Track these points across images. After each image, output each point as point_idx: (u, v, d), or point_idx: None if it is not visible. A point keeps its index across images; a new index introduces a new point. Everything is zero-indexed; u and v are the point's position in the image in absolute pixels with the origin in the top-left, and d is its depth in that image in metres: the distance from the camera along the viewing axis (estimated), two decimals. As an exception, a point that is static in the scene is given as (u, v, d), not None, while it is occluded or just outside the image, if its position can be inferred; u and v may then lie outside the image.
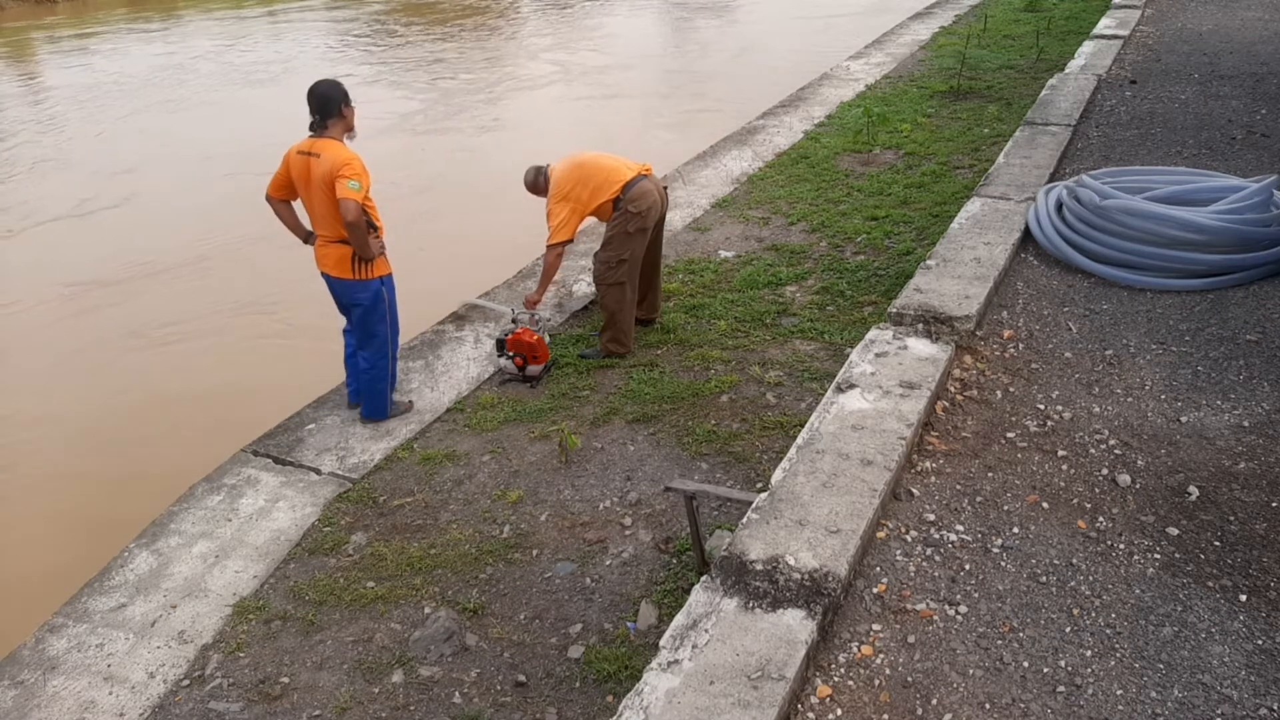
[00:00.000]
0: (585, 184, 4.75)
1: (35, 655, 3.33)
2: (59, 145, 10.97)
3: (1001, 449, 3.51)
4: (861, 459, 3.27)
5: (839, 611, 2.77)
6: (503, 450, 4.30)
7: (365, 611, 3.42)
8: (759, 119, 9.06)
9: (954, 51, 10.55)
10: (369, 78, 13.20)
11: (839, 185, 7.12)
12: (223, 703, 3.09)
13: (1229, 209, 4.74)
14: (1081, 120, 7.19)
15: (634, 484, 3.97)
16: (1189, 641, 2.62)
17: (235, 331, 6.42)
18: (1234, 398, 3.74)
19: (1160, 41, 9.75)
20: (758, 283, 5.62)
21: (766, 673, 2.45)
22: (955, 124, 8.27)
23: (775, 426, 4.22)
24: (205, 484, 4.20)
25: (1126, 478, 3.30)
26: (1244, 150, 6.34)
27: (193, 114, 12.01)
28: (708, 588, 2.77)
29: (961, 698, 2.49)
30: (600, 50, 14.82)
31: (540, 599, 3.42)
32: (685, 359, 4.89)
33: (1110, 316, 4.44)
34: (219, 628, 3.41)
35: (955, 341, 4.10)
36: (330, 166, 3.96)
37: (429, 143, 10.42)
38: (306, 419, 4.64)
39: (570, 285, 5.86)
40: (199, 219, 8.30)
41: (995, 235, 5.11)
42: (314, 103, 4.06)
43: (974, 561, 2.96)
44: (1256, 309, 4.40)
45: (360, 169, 3.99)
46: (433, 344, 5.26)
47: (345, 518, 3.95)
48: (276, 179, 4.23)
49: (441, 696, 3.05)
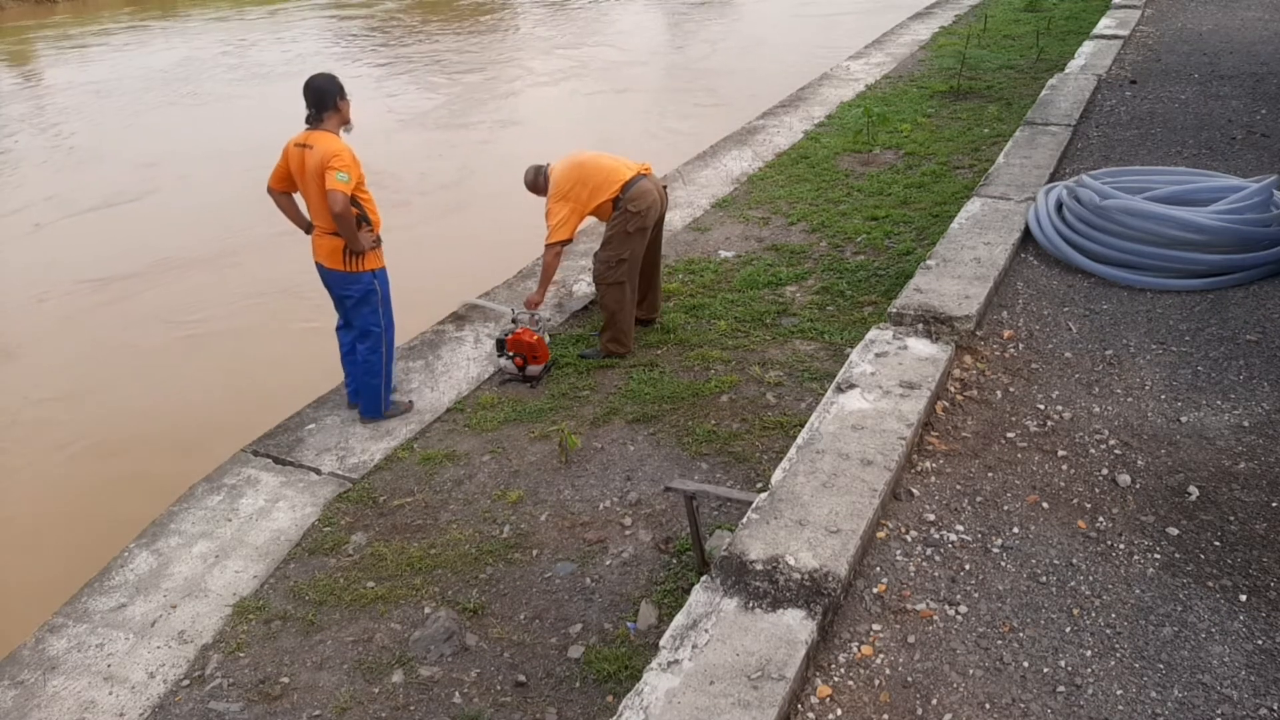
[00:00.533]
0: (585, 183, 4.75)
1: (35, 655, 3.33)
2: (87, 138, 11.04)
3: (1001, 449, 3.51)
4: (861, 459, 3.27)
5: (839, 611, 2.77)
6: (503, 450, 4.30)
7: (365, 611, 3.42)
8: (759, 119, 9.06)
9: (954, 51, 10.55)
10: (380, 75, 13.30)
11: (839, 185, 7.12)
12: (223, 703, 3.09)
13: (1229, 209, 4.74)
14: (1081, 120, 7.19)
15: (634, 484, 3.97)
16: (1189, 641, 2.62)
17: (236, 331, 6.42)
18: (1234, 398, 3.74)
19: (1160, 41, 9.75)
20: (758, 283, 5.62)
21: (766, 673, 2.45)
22: (955, 124, 8.27)
23: (775, 426, 4.22)
24: (205, 484, 4.20)
25: (1126, 478, 3.30)
26: (1244, 150, 6.34)
27: (213, 109, 12.10)
28: (708, 588, 2.77)
29: (961, 698, 2.49)
30: (615, 46, 14.93)
31: (540, 599, 3.42)
32: (685, 359, 4.89)
33: (1110, 316, 4.44)
34: (219, 628, 3.41)
35: (955, 341, 4.10)
36: (321, 158, 4.02)
37: (432, 140, 10.44)
38: (306, 419, 4.64)
39: (570, 285, 5.86)
40: (209, 216, 8.31)
41: (995, 235, 5.11)
42: (310, 96, 4.12)
43: (974, 561, 2.96)
44: (1256, 309, 4.40)
45: (349, 160, 4.03)
46: (433, 344, 5.26)
47: (345, 518, 3.95)
48: (276, 171, 4.28)
49: (441, 696, 3.05)
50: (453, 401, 4.77)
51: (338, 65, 13.98)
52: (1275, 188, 4.79)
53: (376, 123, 10.97)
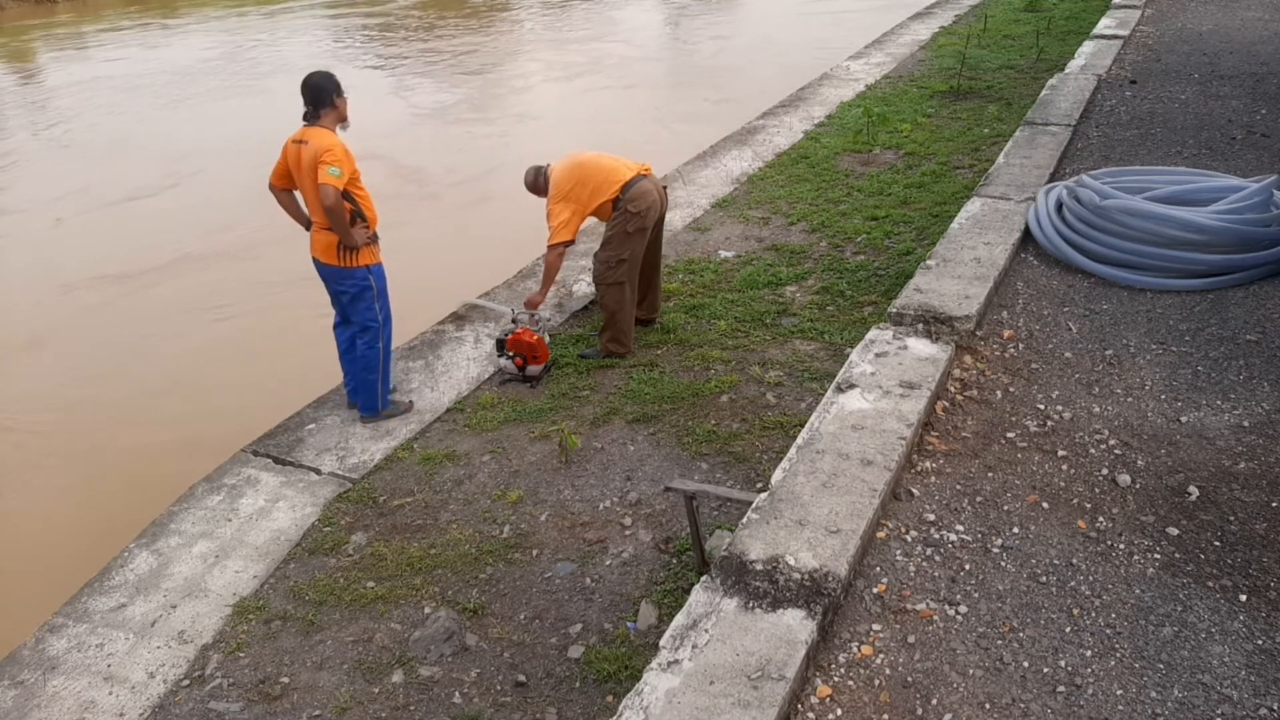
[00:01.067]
0: (585, 184, 4.75)
1: (35, 655, 3.33)
2: (98, 135, 11.11)
3: (1001, 449, 3.51)
4: (861, 459, 3.27)
5: (839, 611, 2.77)
6: (503, 450, 4.30)
7: (365, 611, 3.42)
8: (759, 119, 9.06)
9: (954, 51, 10.55)
10: (400, 71, 13.42)
11: (839, 185, 7.12)
12: (223, 703, 3.09)
13: (1229, 209, 4.74)
14: (1081, 120, 7.19)
15: (634, 484, 3.97)
16: (1189, 641, 2.62)
17: (237, 331, 6.42)
18: (1234, 398, 3.74)
19: (1160, 41, 9.75)
20: (758, 283, 5.62)
21: (766, 673, 2.45)
22: (955, 124, 8.27)
23: (775, 426, 4.22)
24: (205, 484, 4.21)
25: (1126, 478, 3.30)
26: (1244, 150, 6.34)
27: (235, 104, 12.19)
28: (708, 588, 2.77)
29: (961, 698, 2.49)
30: (628, 42, 15.00)
31: (540, 599, 3.42)
32: (685, 359, 4.89)
33: (1110, 316, 4.44)
34: (219, 628, 3.41)
35: (955, 341, 4.10)
36: (314, 153, 4.06)
37: (453, 135, 10.51)
38: (306, 419, 4.64)
39: (570, 285, 5.86)
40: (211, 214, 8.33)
41: (995, 235, 5.11)
42: (307, 93, 4.17)
43: (974, 561, 2.96)
44: (1256, 309, 4.40)
45: (341, 155, 4.06)
46: (433, 344, 5.26)
47: (345, 518, 3.95)
48: (277, 168, 4.32)
49: (441, 696, 3.05)
50: (453, 401, 4.77)
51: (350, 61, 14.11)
52: (1275, 188, 4.79)
53: (400, 116, 11.11)
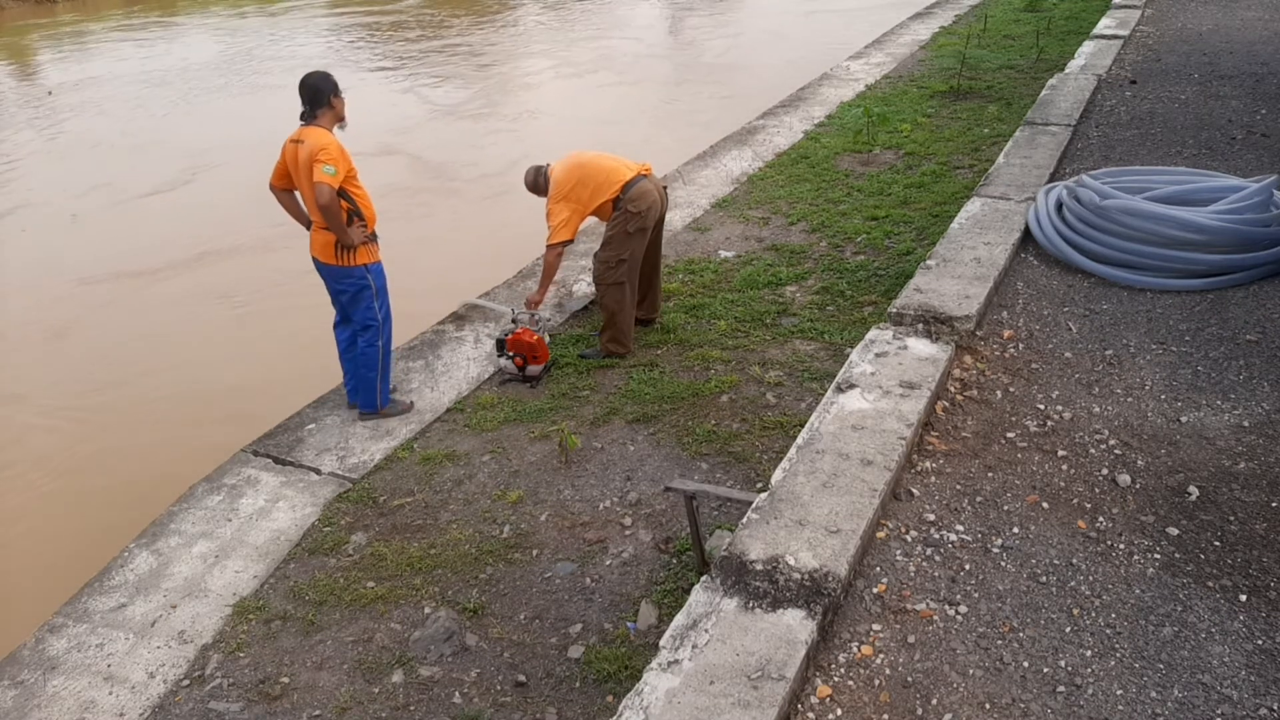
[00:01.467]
0: (585, 184, 4.75)
1: (35, 655, 3.33)
2: (102, 134, 11.13)
3: (1001, 449, 3.51)
4: (861, 459, 3.27)
5: (839, 611, 2.77)
6: (503, 450, 4.30)
7: (365, 611, 3.42)
8: (759, 119, 9.06)
9: (954, 51, 10.55)
10: (410, 68, 13.47)
11: (839, 185, 7.12)
12: (223, 703, 3.09)
13: (1229, 209, 4.74)
14: (1081, 120, 7.19)
15: (634, 484, 3.97)
16: (1189, 641, 2.62)
17: (237, 330, 6.42)
18: (1234, 398, 3.74)
19: (1160, 41, 9.75)
20: (758, 283, 5.62)
21: (766, 673, 2.45)
22: (955, 124, 8.27)
23: (775, 426, 4.22)
24: (205, 484, 4.20)
25: (1126, 478, 3.30)
26: (1244, 150, 6.34)
27: (250, 99, 12.24)
28: (708, 588, 2.77)
29: (961, 698, 2.49)
30: (638, 39, 15.03)
31: (540, 599, 3.42)
32: (685, 359, 4.89)
33: (1110, 316, 4.44)
34: (219, 628, 3.41)
35: (955, 341, 4.10)
36: (310, 152, 4.07)
37: (467, 130, 10.53)
38: (306, 419, 4.64)
39: (570, 285, 5.86)
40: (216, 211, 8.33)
41: (995, 235, 5.11)
42: (304, 94, 4.17)
43: (974, 561, 2.96)
44: (1256, 309, 4.40)
45: (336, 153, 4.07)
46: (433, 344, 5.26)
47: (345, 518, 3.95)
48: (276, 169, 4.33)
49: (441, 696, 3.05)
50: (453, 401, 4.77)
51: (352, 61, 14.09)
52: (1275, 188, 4.79)
53: (416, 112, 11.16)
